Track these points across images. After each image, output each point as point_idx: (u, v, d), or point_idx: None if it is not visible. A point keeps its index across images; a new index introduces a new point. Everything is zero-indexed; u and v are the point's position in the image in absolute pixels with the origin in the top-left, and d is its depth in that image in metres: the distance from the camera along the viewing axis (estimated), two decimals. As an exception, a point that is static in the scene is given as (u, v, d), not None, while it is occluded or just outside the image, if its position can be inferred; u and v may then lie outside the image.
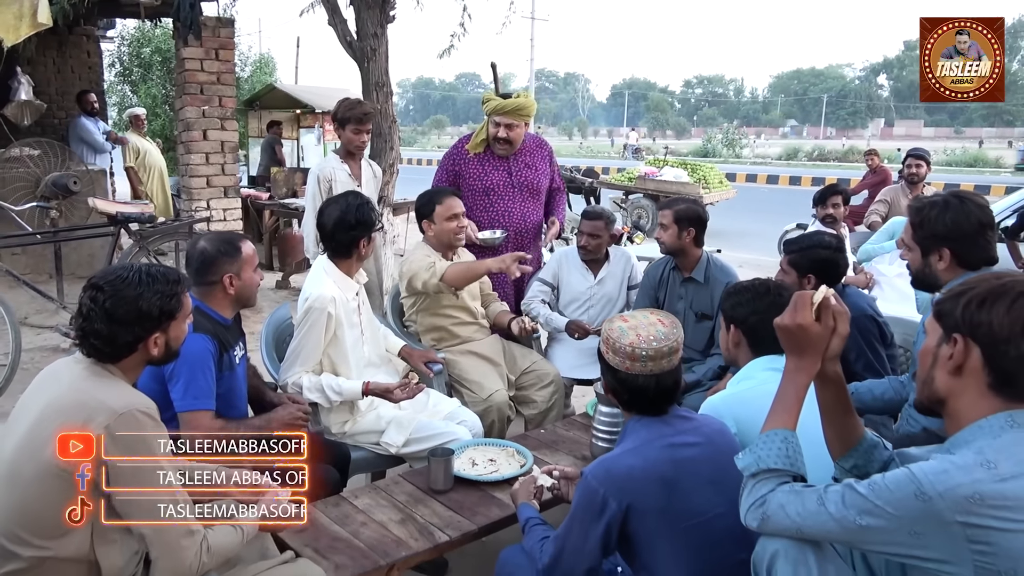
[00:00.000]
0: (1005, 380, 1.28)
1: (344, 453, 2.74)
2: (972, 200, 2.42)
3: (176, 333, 1.77)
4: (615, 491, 1.66)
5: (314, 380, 2.73)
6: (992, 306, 1.28)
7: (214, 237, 2.52)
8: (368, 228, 2.81)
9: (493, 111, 3.77)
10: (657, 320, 1.81)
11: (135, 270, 1.70)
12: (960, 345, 1.31)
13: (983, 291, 1.30)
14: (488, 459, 2.61)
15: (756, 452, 1.45)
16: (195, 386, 2.25)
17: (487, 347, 3.47)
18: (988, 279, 1.34)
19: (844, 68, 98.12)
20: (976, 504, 1.18)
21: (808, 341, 1.47)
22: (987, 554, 1.17)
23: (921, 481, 1.21)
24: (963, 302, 1.32)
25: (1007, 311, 1.26)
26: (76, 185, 5.56)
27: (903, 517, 1.22)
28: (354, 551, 2.08)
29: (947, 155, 33.23)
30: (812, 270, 2.74)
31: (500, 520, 2.28)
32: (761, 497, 1.40)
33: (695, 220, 3.36)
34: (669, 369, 1.76)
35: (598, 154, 39.80)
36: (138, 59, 13.66)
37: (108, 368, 1.68)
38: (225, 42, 5.96)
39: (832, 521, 1.29)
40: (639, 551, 1.70)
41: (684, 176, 12.22)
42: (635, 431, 1.78)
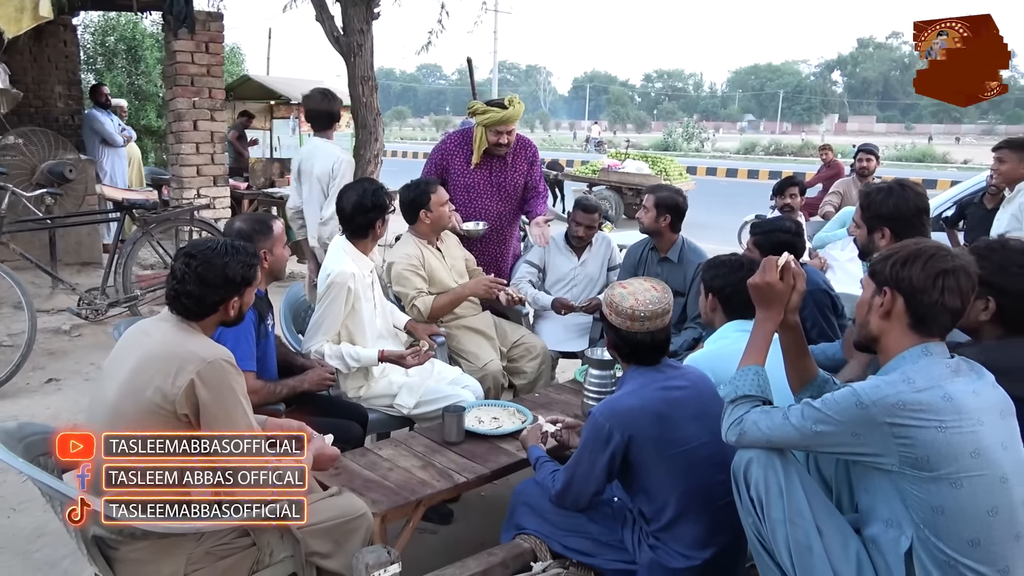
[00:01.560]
0: (921, 321, 1.66)
1: (363, 413, 3.05)
2: (912, 188, 2.83)
3: (248, 299, 2.08)
4: (619, 425, 2.01)
5: (335, 348, 3.04)
6: (912, 265, 1.66)
7: (248, 217, 2.82)
8: (383, 211, 3.11)
9: (495, 123, 3.93)
10: (651, 287, 2.17)
11: (222, 243, 2.01)
12: (888, 295, 1.69)
13: (905, 254, 1.69)
14: (492, 417, 2.94)
15: (734, 383, 1.83)
16: (240, 350, 2.52)
17: (480, 322, 3.79)
18: (909, 245, 1.72)
19: (800, 64, 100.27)
20: (899, 408, 1.55)
21: (774, 295, 1.86)
22: (908, 446, 1.55)
23: (860, 394, 1.59)
24: (890, 263, 1.70)
25: (922, 268, 1.64)
26: (72, 173, 5.73)
27: (847, 422, 1.60)
28: (385, 490, 2.40)
29: (897, 150, 34.40)
30: (773, 251, 3.11)
31: (509, 465, 2.62)
32: (739, 418, 1.78)
33: (672, 208, 3.73)
34: (662, 327, 2.12)
35: (561, 147, 40.28)
36: (103, 48, 13.61)
37: (192, 325, 1.98)
38: (215, 35, 6.16)
39: (794, 431, 1.67)
40: (637, 475, 2.06)
41: (646, 168, 12.65)
42: (633, 378, 2.14)
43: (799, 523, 1.66)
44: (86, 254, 6.87)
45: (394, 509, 2.32)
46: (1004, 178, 4.32)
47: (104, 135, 7.74)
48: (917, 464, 1.54)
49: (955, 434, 1.52)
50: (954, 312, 1.64)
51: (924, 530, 1.56)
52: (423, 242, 3.59)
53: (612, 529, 2.15)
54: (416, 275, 3.49)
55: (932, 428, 1.53)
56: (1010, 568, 1.53)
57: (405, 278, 3.49)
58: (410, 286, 3.49)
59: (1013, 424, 1.63)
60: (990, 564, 1.52)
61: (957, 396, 1.55)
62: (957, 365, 1.64)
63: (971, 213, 5.56)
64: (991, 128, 50.37)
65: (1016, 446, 1.60)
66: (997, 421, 1.58)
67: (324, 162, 4.30)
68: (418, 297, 3.48)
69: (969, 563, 1.52)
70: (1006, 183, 4.34)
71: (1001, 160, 4.30)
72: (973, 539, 1.52)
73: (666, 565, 2.01)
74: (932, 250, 1.67)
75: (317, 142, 4.35)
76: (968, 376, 1.62)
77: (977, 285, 1.66)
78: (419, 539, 3.11)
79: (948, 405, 1.54)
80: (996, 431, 1.57)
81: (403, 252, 3.57)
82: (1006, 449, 1.56)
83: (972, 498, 1.52)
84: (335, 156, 4.33)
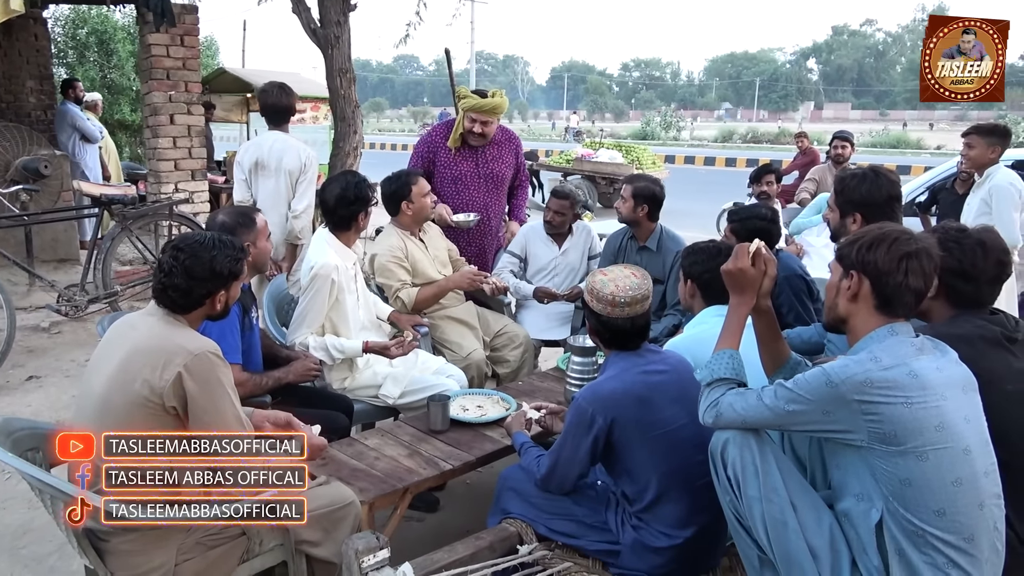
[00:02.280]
0: (887, 302, 1.73)
1: (348, 403, 3.08)
2: (885, 175, 2.90)
3: (234, 293, 2.10)
4: (601, 409, 2.06)
5: (319, 340, 3.06)
6: (877, 248, 1.72)
7: (231, 211, 2.83)
8: (366, 203, 3.13)
9: (471, 108, 4.03)
10: (631, 273, 2.22)
11: (209, 237, 2.03)
12: (855, 278, 1.75)
13: (871, 238, 1.75)
14: (476, 405, 2.99)
15: (710, 367, 1.89)
16: (225, 343, 2.52)
17: (463, 312, 3.83)
18: (873, 230, 1.78)
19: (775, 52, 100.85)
20: (867, 386, 1.61)
21: (746, 281, 1.92)
22: (875, 421, 1.61)
23: (830, 373, 1.65)
24: (856, 247, 1.76)
25: (887, 252, 1.70)
26: (47, 169, 5.67)
27: (818, 400, 1.66)
28: (373, 478, 2.44)
29: (872, 137, 34.77)
30: (750, 237, 3.18)
31: (493, 452, 2.66)
32: (714, 400, 1.83)
33: (649, 198, 3.78)
34: (642, 312, 2.17)
35: (540, 137, 40.22)
36: (73, 41, 13.41)
37: (178, 318, 2.00)
38: (190, 28, 6.11)
39: (768, 411, 1.72)
40: (620, 458, 2.11)
41: (619, 158, 12.72)
42: (615, 363, 2.18)
43: (774, 500, 1.72)
44: (63, 251, 6.80)
45: (382, 497, 2.36)
46: (973, 163, 4.42)
47: (84, 130, 7.64)
48: (885, 439, 1.60)
49: (920, 409, 1.58)
50: (918, 293, 1.70)
51: (893, 502, 1.62)
52: (405, 233, 3.61)
53: (596, 511, 2.20)
54: (399, 266, 3.51)
55: (898, 404, 1.59)
56: (975, 536, 1.60)
57: (388, 270, 3.51)
58: (393, 278, 3.51)
59: (975, 399, 1.69)
60: (956, 532, 1.59)
61: (922, 373, 1.61)
62: (922, 344, 1.70)
63: (943, 199, 5.68)
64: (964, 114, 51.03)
65: (978, 419, 1.67)
66: (960, 396, 1.65)
67: (293, 156, 4.28)
68: (402, 289, 3.50)
69: (936, 532, 1.59)
70: (975, 168, 4.43)
71: (970, 146, 4.40)
72: (939, 509, 1.58)
73: (648, 544, 2.06)
74: (896, 234, 1.73)
75: (279, 135, 4.30)
76: (932, 354, 1.68)
77: (939, 266, 1.72)
78: (406, 527, 3.15)
79: (913, 382, 1.60)
80: (959, 405, 1.63)
81: (386, 244, 3.58)
82: (969, 422, 1.63)
83: (937, 470, 1.58)
84: (305, 151, 4.33)
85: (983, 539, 1.61)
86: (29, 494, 2.91)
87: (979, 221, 4.26)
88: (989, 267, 2.05)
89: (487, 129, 4.07)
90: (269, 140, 4.33)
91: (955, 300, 2.08)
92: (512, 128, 4.89)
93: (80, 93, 7.92)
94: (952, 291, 2.06)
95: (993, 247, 2.08)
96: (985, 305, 2.10)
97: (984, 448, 1.65)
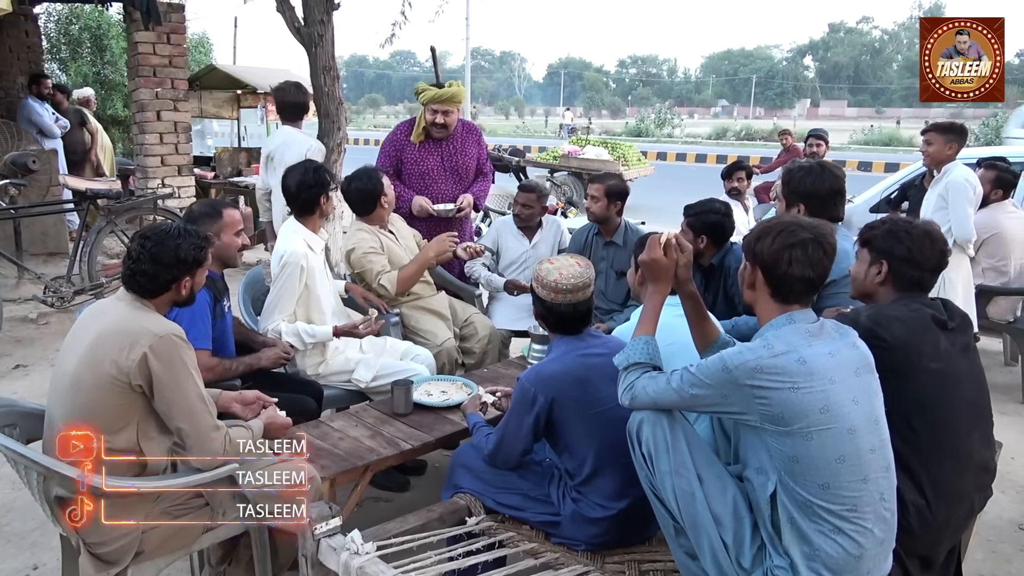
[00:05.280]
0: (777, 290, 1.87)
1: (318, 389, 3.22)
2: (830, 170, 3.05)
3: (199, 279, 2.24)
4: (543, 388, 2.21)
5: (290, 327, 3.19)
6: (763, 240, 1.86)
7: (203, 202, 2.97)
8: (324, 187, 3.28)
9: (430, 100, 4.18)
10: (575, 262, 2.36)
11: (175, 226, 2.17)
12: (749, 268, 1.91)
13: (759, 230, 1.90)
14: (441, 391, 3.12)
15: (627, 352, 2.03)
16: (195, 329, 2.68)
17: (436, 303, 3.96)
18: (765, 221, 1.93)
19: (772, 49, 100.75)
20: (758, 372, 1.75)
21: (659, 270, 2.06)
22: (765, 404, 1.74)
23: (726, 360, 1.79)
24: (750, 237, 1.91)
25: (771, 243, 1.84)
26: (35, 164, 5.79)
27: (716, 385, 1.80)
28: (335, 457, 2.57)
29: (865, 134, 34.91)
30: (705, 231, 3.33)
31: (453, 434, 2.80)
32: (630, 383, 1.97)
33: (621, 195, 3.93)
34: (583, 299, 2.31)
35: (535, 133, 40.36)
36: (67, 37, 13.49)
37: (145, 303, 2.14)
38: (176, 26, 6.24)
39: (674, 393, 1.87)
40: (560, 434, 2.25)
41: (605, 154, 12.85)
42: (558, 346, 2.33)
43: (683, 473, 1.86)
44: (52, 244, 6.93)
45: (342, 473, 2.49)
46: (931, 160, 4.56)
47: (41, 126, 7.71)
48: (774, 420, 1.74)
49: (806, 394, 1.72)
50: (807, 281, 1.83)
51: (784, 476, 1.76)
52: (375, 228, 3.74)
53: (540, 485, 2.34)
54: (377, 255, 3.64)
55: (786, 389, 1.72)
56: (857, 507, 1.73)
57: (368, 260, 3.63)
58: (374, 266, 3.63)
59: (869, 380, 1.82)
60: (839, 503, 1.73)
61: (811, 359, 1.74)
62: (820, 328, 1.83)
63: (912, 195, 5.81)
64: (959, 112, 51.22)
65: (868, 400, 1.80)
66: (851, 378, 1.78)
67: (296, 150, 4.54)
68: (382, 274, 3.62)
69: (821, 503, 1.73)
70: (933, 165, 4.57)
71: (928, 143, 4.54)
72: (823, 483, 1.72)
73: (586, 515, 2.21)
74: (782, 225, 1.87)
75: (289, 131, 4.63)
76: (829, 339, 1.81)
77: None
78: (374, 507, 3.29)
79: (801, 368, 1.73)
80: (847, 388, 1.76)
81: (360, 238, 3.69)
82: (857, 404, 1.76)
83: (821, 449, 1.72)
84: (307, 144, 4.63)
85: (867, 509, 1.74)
86: (12, 476, 3.04)
87: (937, 215, 4.41)
88: (934, 256, 2.22)
89: (448, 119, 4.21)
90: (280, 136, 4.70)
91: (900, 285, 2.23)
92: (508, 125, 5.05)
93: (46, 91, 7.97)
94: (898, 276, 2.22)
95: (937, 238, 2.25)
96: (926, 290, 2.26)
97: (872, 427, 1.78)
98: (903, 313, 2.13)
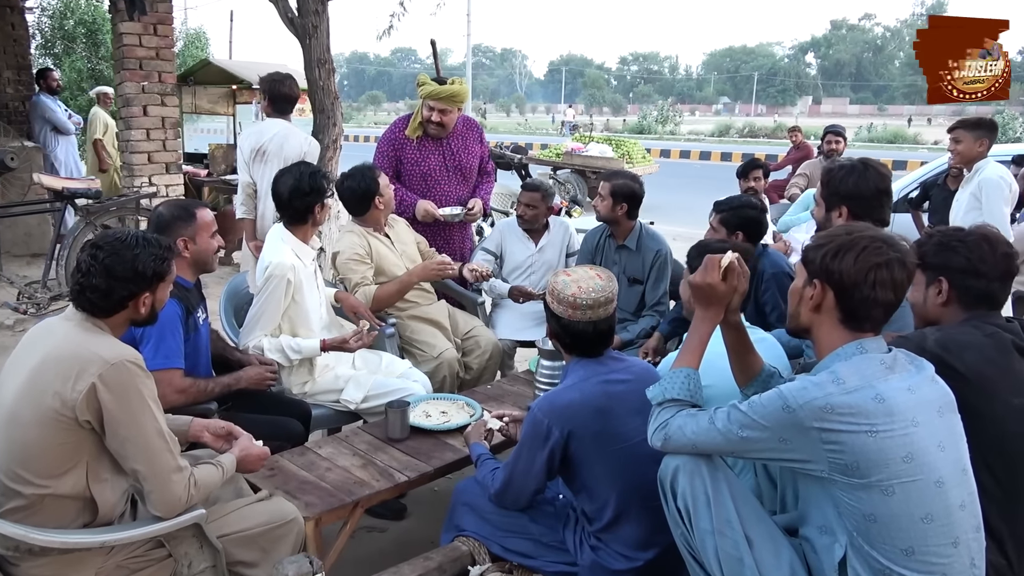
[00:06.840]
0: (852, 316, 1.57)
1: (305, 409, 2.93)
2: (875, 168, 2.73)
3: (161, 296, 1.94)
4: (558, 420, 1.92)
5: (274, 341, 2.91)
6: (843, 257, 1.56)
7: (172, 203, 2.67)
8: (321, 194, 2.97)
9: (428, 95, 3.87)
10: (595, 275, 2.07)
11: (132, 234, 1.87)
12: (819, 288, 1.60)
13: (837, 244, 1.58)
14: (440, 411, 2.84)
15: (663, 385, 1.73)
16: (165, 346, 2.40)
17: (434, 311, 3.67)
18: (841, 234, 1.62)
19: (774, 46, 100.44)
20: (828, 412, 1.46)
21: (715, 296, 1.75)
22: (837, 451, 1.46)
23: (787, 397, 1.49)
24: (822, 253, 1.60)
25: (854, 262, 1.54)
26: (13, 161, 5.49)
27: (773, 427, 1.50)
28: (321, 491, 2.29)
29: (869, 132, 34.61)
30: (740, 227, 3.03)
31: (454, 462, 2.52)
32: (664, 421, 1.68)
33: (628, 196, 3.61)
34: (605, 317, 2.02)
35: (537, 131, 39.97)
36: (61, 31, 13.21)
37: (98, 323, 1.84)
38: (163, 17, 5.94)
39: (720, 435, 1.57)
40: (578, 472, 1.97)
41: (609, 152, 12.57)
42: (575, 371, 2.04)
43: (728, 534, 1.57)
44: (36, 245, 6.65)
45: (328, 512, 2.22)
46: (961, 158, 4.28)
47: (55, 122, 7.51)
48: (847, 471, 1.45)
49: (886, 438, 1.43)
50: (887, 306, 1.55)
51: (857, 538, 1.47)
52: (368, 230, 3.46)
53: (554, 529, 2.06)
54: (361, 263, 3.36)
55: (862, 433, 1.44)
56: (947, 575, 1.45)
57: (349, 268, 3.37)
58: (354, 275, 3.36)
59: (953, 421, 1.54)
60: (926, 572, 1.44)
61: (889, 396, 1.46)
62: (894, 360, 1.54)
63: (935, 194, 5.55)
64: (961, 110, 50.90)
65: (955, 445, 1.52)
66: (934, 420, 1.49)
67: (294, 144, 4.24)
68: (359, 287, 3.34)
69: (904, 572, 1.44)
70: (963, 163, 4.29)
71: (957, 140, 4.26)
72: (907, 548, 1.43)
73: (607, 567, 1.92)
74: (865, 240, 1.57)
75: (282, 123, 4.33)
76: (905, 372, 1.53)
77: (913, 274, 1.56)
78: (368, 539, 3.01)
79: (879, 407, 1.45)
80: (932, 431, 1.48)
81: (348, 242, 3.44)
82: (943, 450, 1.48)
83: (905, 505, 1.43)
84: (307, 140, 4.34)
85: None
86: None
87: (969, 216, 4.12)
88: (997, 262, 1.92)
89: (446, 119, 3.91)
90: (272, 128, 4.31)
91: (967, 302, 1.93)
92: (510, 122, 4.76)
93: (54, 83, 7.77)
94: (962, 292, 1.92)
95: (998, 241, 1.96)
96: (998, 304, 1.96)
97: (960, 478, 1.49)
98: (977, 338, 1.83)
